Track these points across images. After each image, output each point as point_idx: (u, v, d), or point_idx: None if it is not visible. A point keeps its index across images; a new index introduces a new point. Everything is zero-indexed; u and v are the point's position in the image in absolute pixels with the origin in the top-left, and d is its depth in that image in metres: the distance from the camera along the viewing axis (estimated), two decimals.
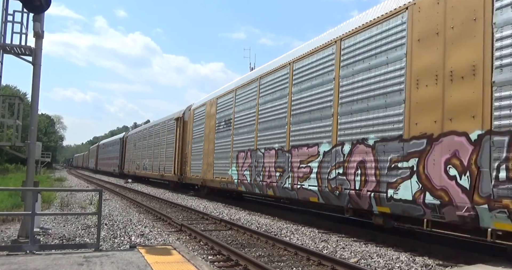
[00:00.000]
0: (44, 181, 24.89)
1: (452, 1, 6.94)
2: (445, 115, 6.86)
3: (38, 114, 8.87)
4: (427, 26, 7.38)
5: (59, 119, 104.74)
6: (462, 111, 6.58)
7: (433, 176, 6.98)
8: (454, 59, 6.81)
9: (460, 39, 6.75)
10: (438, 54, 7.10)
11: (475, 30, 6.49)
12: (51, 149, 69.71)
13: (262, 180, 12.95)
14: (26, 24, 7.53)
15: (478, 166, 6.23)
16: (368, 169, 8.43)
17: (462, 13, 6.75)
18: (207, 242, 8.47)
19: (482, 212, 6.10)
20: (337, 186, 9.30)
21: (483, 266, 6.05)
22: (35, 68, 7.45)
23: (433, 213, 6.96)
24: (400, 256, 7.42)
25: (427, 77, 7.26)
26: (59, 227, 9.95)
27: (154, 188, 27.10)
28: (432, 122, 7.08)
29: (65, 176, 46.62)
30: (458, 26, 6.79)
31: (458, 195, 6.49)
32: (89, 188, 23.61)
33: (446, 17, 7.04)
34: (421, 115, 7.32)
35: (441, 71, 7.02)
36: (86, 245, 6.81)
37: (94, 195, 16.99)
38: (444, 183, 6.76)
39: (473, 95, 6.41)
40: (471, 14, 6.60)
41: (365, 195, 8.39)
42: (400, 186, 7.58)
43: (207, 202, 17.85)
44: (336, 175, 9.40)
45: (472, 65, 6.47)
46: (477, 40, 6.44)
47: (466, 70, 6.57)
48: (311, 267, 6.77)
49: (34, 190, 7.13)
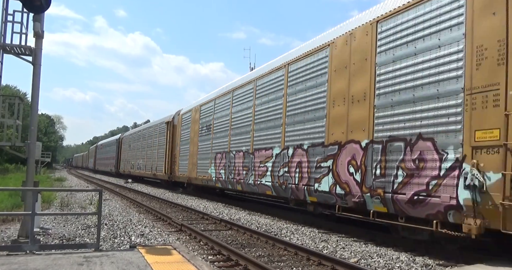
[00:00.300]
0: (44, 181, 24.89)
1: (354, 44, 9.26)
2: (348, 128, 9.17)
3: (38, 114, 8.87)
4: (340, 60, 9.72)
5: (59, 119, 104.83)
6: (358, 126, 8.86)
7: (341, 173, 9.30)
8: (354, 87, 9.10)
9: (358, 73, 9.06)
10: (345, 82, 9.41)
11: (366, 67, 8.82)
12: (51, 149, 69.73)
13: (233, 178, 15.19)
14: (26, 24, 7.54)
15: (365, 165, 8.50)
16: (303, 168, 10.74)
17: (360, 54, 9.04)
18: (207, 242, 8.48)
19: (367, 199, 8.42)
20: (284, 182, 11.69)
21: (483, 266, 6.05)
22: (35, 68, 7.45)
23: (341, 200, 9.28)
24: (400, 256, 7.42)
25: (339, 99, 9.59)
26: (59, 227, 9.95)
27: (154, 188, 27.10)
28: (341, 133, 9.40)
29: (65, 176, 46.63)
30: (357, 63, 9.11)
31: (354, 186, 8.80)
32: (89, 188, 23.62)
33: (351, 55, 9.34)
34: (335, 127, 9.66)
35: (347, 95, 9.32)
36: (86, 245, 6.81)
37: (94, 195, 16.99)
38: (347, 178, 9.08)
39: (364, 114, 8.71)
40: (364, 55, 8.90)
41: (301, 188, 10.77)
42: (322, 181, 9.93)
43: (207, 202, 17.85)
44: (283, 173, 11.75)
45: (364, 93, 8.79)
46: (367, 75, 8.75)
47: (361, 95, 8.89)
48: (311, 267, 6.77)
49: (34, 190, 7.13)
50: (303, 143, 10.94)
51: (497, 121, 6.09)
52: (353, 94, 9.12)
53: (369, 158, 8.43)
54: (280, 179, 11.86)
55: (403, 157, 7.69)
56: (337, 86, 9.72)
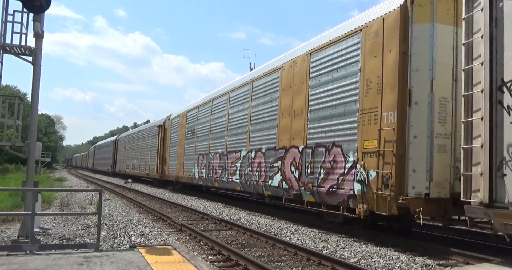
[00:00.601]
0: (44, 181, 24.89)
1: (296, 69, 11.67)
2: (291, 136, 11.56)
3: (38, 114, 8.87)
4: (287, 81, 12.10)
5: (59, 119, 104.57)
6: (297, 134, 11.23)
7: (286, 172, 11.65)
8: (295, 103, 11.52)
9: (298, 92, 11.44)
10: (290, 99, 11.80)
11: (303, 88, 11.20)
12: (51, 149, 69.73)
13: (211, 176, 17.39)
14: (26, 24, 7.54)
15: (301, 165, 10.86)
16: (262, 168, 13.09)
17: (299, 77, 11.46)
18: (207, 242, 8.48)
19: (302, 191, 10.76)
20: (248, 179, 13.93)
21: (484, 266, 6.05)
22: (35, 68, 7.45)
23: (286, 193, 11.56)
24: (400, 256, 7.42)
25: (286, 113, 11.98)
26: (59, 227, 9.95)
27: (154, 188, 27.10)
28: (287, 140, 11.76)
29: (65, 176, 46.63)
30: (297, 85, 11.52)
31: (294, 182, 11.16)
32: (89, 188, 23.62)
33: (293, 78, 11.72)
34: (283, 135, 12.04)
35: (291, 110, 11.72)
36: (86, 245, 6.81)
37: (94, 195, 17.00)
38: (290, 176, 11.44)
39: (301, 126, 11.09)
40: (302, 78, 11.32)
41: (260, 184, 13.08)
42: (274, 178, 12.28)
43: (207, 202, 17.85)
44: (248, 171, 14.01)
45: (301, 108, 11.18)
46: (303, 94, 11.14)
47: (299, 110, 11.28)
48: (311, 267, 6.77)
49: (34, 190, 7.13)
50: (262, 147, 13.33)
51: (375, 134, 8.36)
52: (295, 109, 11.55)
53: (303, 159, 10.82)
54: (245, 177, 14.21)
55: (324, 159, 10.04)
56: (284, 102, 12.12)
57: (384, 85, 8.30)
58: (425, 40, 8.03)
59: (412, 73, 7.96)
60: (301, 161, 10.89)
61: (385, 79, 8.32)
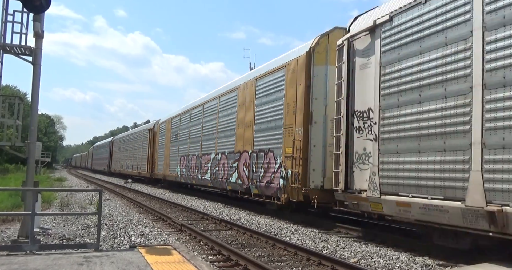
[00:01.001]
0: (44, 181, 24.89)
1: (247, 90, 14.82)
2: (244, 142, 14.62)
3: (38, 114, 8.86)
4: (241, 99, 15.34)
5: (59, 119, 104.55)
6: (248, 141, 14.28)
7: (240, 171, 14.71)
8: (246, 117, 14.57)
9: (248, 109, 14.53)
10: (243, 114, 14.93)
11: (252, 106, 14.23)
12: (51, 149, 69.74)
13: (190, 174, 20.69)
14: (26, 24, 7.54)
15: (250, 166, 13.87)
16: (225, 167, 16.21)
17: (249, 97, 14.55)
18: (207, 242, 8.48)
19: (251, 186, 13.70)
20: (216, 177, 17.10)
21: (484, 266, 6.05)
22: (35, 68, 7.45)
23: (241, 188, 14.61)
24: (400, 256, 7.42)
25: (241, 124, 15.10)
26: (59, 227, 9.95)
27: (154, 188, 27.11)
28: (241, 145, 14.87)
29: (65, 176, 46.63)
30: (248, 102, 14.63)
31: (245, 179, 14.21)
32: (89, 188, 23.61)
33: (246, 97, 14.83)
34: (238, 142, 15.21)
35: (243, 122, 14.83)
36: (86, 245, 6.81)
37: (94, 195, 17.00)
38: (242, 174, 14.50)
39: (250, 135, 14.15)
40: (251, 98, 14.36)
41: (224, 180, 16.25)
42: (233, 175, 15.36)
43: (207, 202, 17.86)
44: (216, 170, 17.25)
45: (250, 121, 14.21)
46: (252, 111, 14.18)
47: (249, 123, 14.31)
48: (311, 267, 6.77)
49: (34, 190, 7.13)
50: (225, 151, 16.52)
51: (291, 143, 11.39)
52: (246, 121, 14.62)
53: (251, 161, 13.91)
54: (214, 175, 17.38)
55: (263, 161, 13.12)
56: (240, 116, 15.32)
57: (297, 108, 11.47)
58: (321, 77, 11.14)
59: (313, 100, 11.11)
60: (249, 163, 14.06)
61: (298, 104, 11.45)
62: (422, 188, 7.16)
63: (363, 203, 8.68)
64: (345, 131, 9.28)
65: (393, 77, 8.02)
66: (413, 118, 7.48)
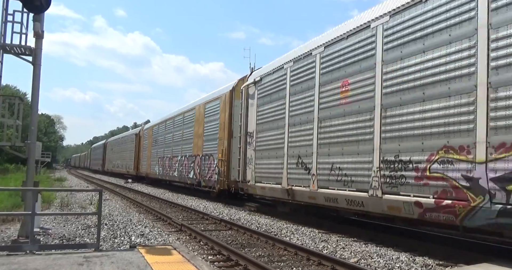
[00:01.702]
0: (44, 181, 24.88)
1: (200, 110, 20.68)
2: (197, 148, 20.20)
3: (38, 114, 8.86)
4: (197, 117, 21.02)
5: (59, 119, 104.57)
6: (200, 148, 19.77)
7: (195, 169, 20.15)
8: (199, 130, 20.32)
9: (200, 124, 20.36)
10: (197, 127, 20.68)
11: (202, 123, 20.09)
12: (51, 149, 69.81)
13: (164, 172, 26.49)
14: (26, 24, 7.53)
15: (200, 165, 19.54)
16: (186, 167, 21.65)
17: (201, 115, 20.37)
18: (207, 242, 8.48)
19: (200, 180, 19.25)
20: (181, 174, 22.47)
21: (484, 266, 6.05)
22: (35, 68, 7.45)
23: (196, 181, 19.85)
24: (400, 256, 7.42)
25: (196, 135, 20.72)
26: (59, 227, 9.94)
27: (154, 188, 27.12)
28: (196, 151, 20.45)
29: (65, 176, 46.63)
30: (200, 119, 20.39)
31: (197, 175, 19.76)
32: (89, 188, 23.61)
33: (199, 115, 20.69)
34: (195, 148, 20.77)
35: (198, 133, 20.53)
36: (86, 245, 6.82)
37: (94, 195, 17.00)
38: (196, 171, 19.99)
39: (201, 143, 19.87)
40: (202, 116, 20.30)
41: (185, 176, 21.65)
42: (191, 172, 20.88)
43: (207, 202, 17.87)
44: (181, 169, 22.75)
45: (201, 133, 20.01)
46: (202, 126, 20.09)
47: (201, 134, 20.06)
48: (311, 267, 6.78)
49: (34, 190, 7.13)
50: (187, 154, 22.17)
51: (221, 150, 16.98)
52: (199, 133, 20.29)
53: (201, 162, 19.31)
54: (180, 172, 22.98)
55: (208, 162, 18.57)
56: (195, 129, 21.10)
57: (225, 127, 17.09)
58: (239, 107, 15.84)
59: (233, 122, 16.63)
60: (200, 163, 19.60)
61: (225, 124, 17.05)
62: (269, 179, 12.90)
63: (248, 188, 14.43)
64: (243, 144, 15.00)
65: (262, 114, 13.75)
66: (271, 138, 12.93)
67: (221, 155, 16.74)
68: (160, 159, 27.24)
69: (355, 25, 9.49)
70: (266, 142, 13.16)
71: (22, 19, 7.46)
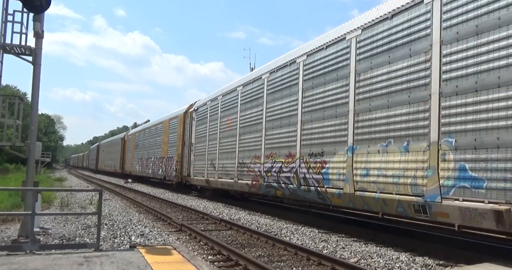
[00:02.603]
0: (44, 181, 24.88)
1: (166, 125, 26.98)
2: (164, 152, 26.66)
3: (38, 114, 8.86)
4: (164, 129, 27.25)
5: (59, 119, 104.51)
6: (165, 151, 26.65)
7: (163, 167, 26.56)
8: (166, 138, 26.86)
9: (166, 134, 26.87)
10: (165, 136, 27.03)
11: (167, 133, 26.58)
12: (51, 149, 69.85)
13: (143, 170, 32.07)
14: (26, 24, 7.53)
15: (166, 165, 26.07)
16: (157, 166, 28.16)
17: (167, 129, 26.57)
18: (207, 242, 8.48)
19: (166, 176, 25.89)
20: (154, 171, 28.82)
21: (484, 266, 6.05)
22: (35, 68, 7.45)
23: (162, 177, 26.64)
24: (400, 256, 7.42)
25: (164, 142, 27.13)
26: (59, 227, 9.94)
27: (154, 188, 27.15)
28: (164, 153, 26.73)
29: (65, 176, 46.63)
30: (166, 132, 26.91)
31: (163, 171, 26.45)
32: (89, 188, 23.61)
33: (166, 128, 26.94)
34: (163, 152, 27.00)
35: (165, 141, 26.91)
36: (86, 245, 6.81)
37: (94, 195, 16.99)
38: (163, 169, 26.47)
39: (166, 148, 26.54)
40: (167, 129, 26.65)
41: (158, 173, 27.80)
42: (159, 170, 27.43)
43: (207, 202, 17.87)
44: (154, 167, 29.02)
45: (166, 141, 26.58)
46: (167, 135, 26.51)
47: (166, 142, 26.65)
48: (311, 267, 6.77)
49: (34, 190, 7.12)
50: (157, 156, 27.84)
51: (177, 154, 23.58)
52: (165, 141, 26.24)
53: (166, 162, 25.44)
54: (153, 170, 28.88)
55: (170, 162, 24.83)
56: (163, 138, 26.85)
57: (180, 138, 23.09)
58: (189, 125, 21.87)
59: (185, 135, 22.43)
60: (166, 163, 25.42)
61: (181, 136, 23.06)
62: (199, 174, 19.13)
63: (190, 180, 20.79)
64: (188, 150, 21.52)
65: (198, 131, 20.22)
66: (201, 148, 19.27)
67: (178, 157, 23.09)
68: (140, 159, 33.66)
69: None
70: (199, 150, 19.91)
71: (22, 19, 7.46)
